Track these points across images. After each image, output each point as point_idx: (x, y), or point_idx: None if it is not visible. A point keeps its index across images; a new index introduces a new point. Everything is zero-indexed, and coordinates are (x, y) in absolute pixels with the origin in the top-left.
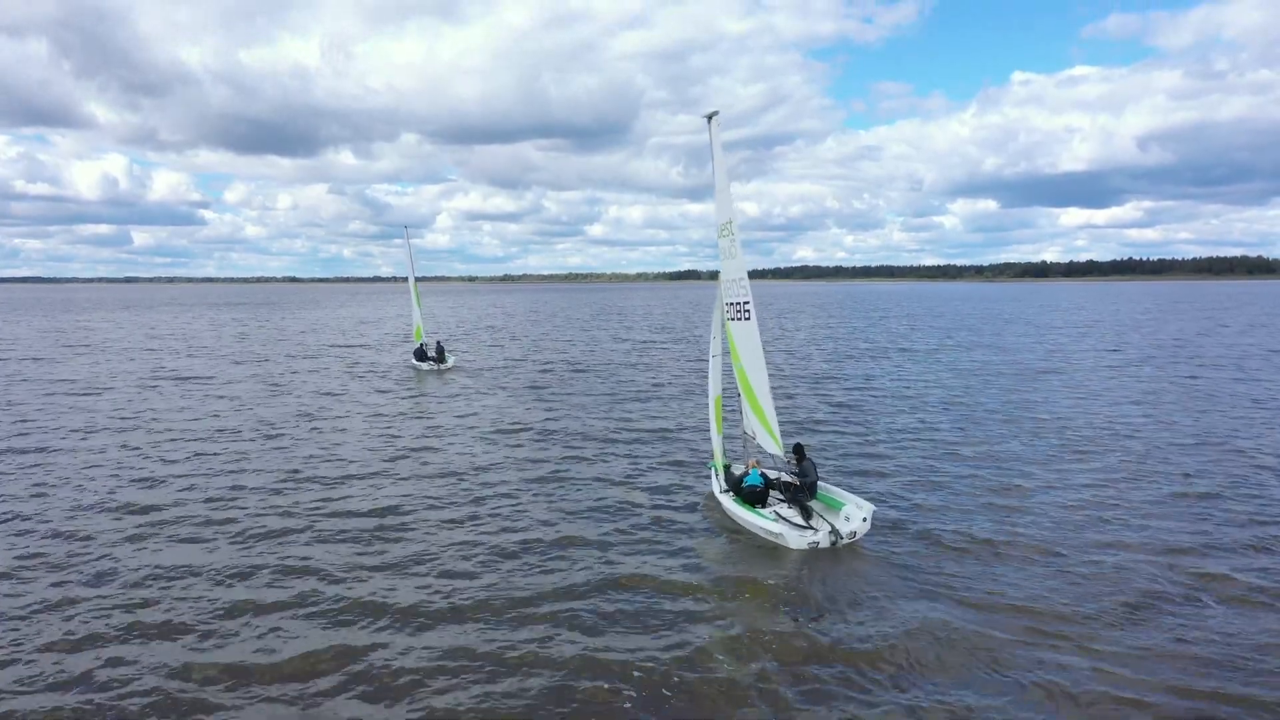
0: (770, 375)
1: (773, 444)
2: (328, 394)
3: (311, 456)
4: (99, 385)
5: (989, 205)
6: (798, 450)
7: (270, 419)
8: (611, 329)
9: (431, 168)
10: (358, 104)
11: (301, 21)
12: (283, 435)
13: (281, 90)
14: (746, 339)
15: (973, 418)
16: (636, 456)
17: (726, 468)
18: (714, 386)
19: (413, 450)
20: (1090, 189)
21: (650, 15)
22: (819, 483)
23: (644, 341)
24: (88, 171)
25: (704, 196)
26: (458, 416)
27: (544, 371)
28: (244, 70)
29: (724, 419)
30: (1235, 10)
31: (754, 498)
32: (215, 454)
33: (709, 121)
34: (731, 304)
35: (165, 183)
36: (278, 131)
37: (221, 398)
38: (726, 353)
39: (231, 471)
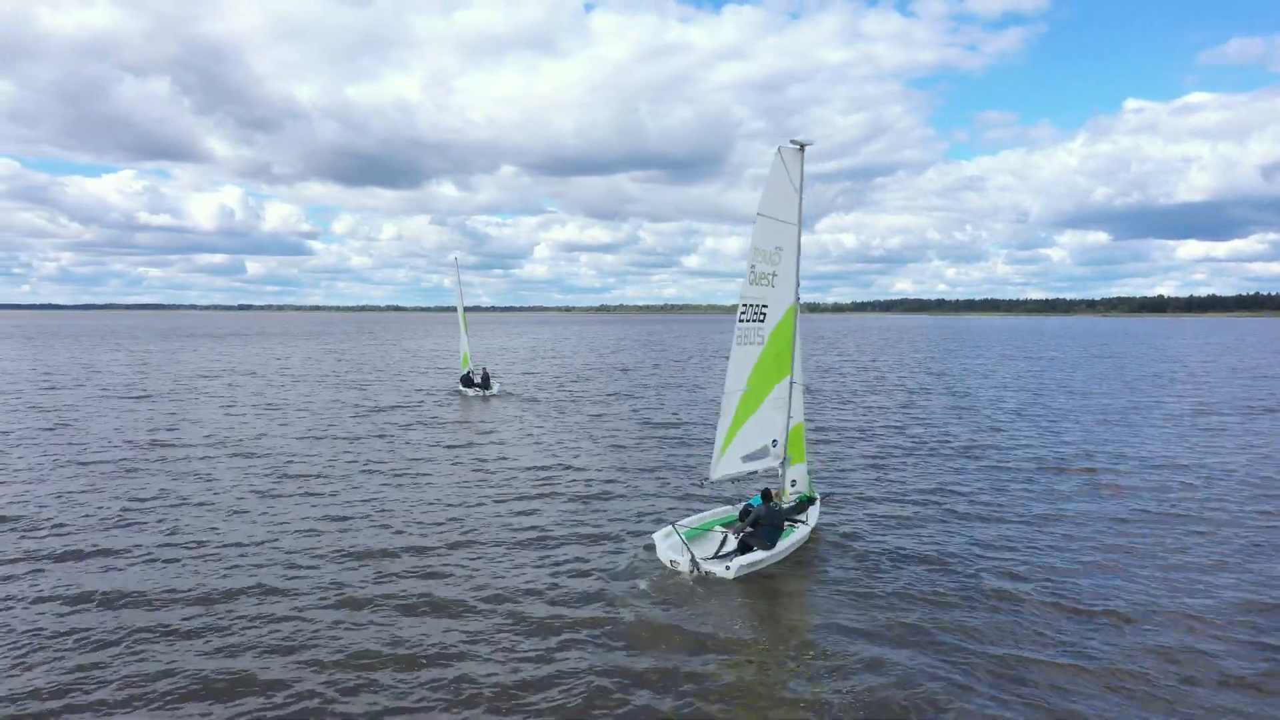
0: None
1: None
2: (372, 413)
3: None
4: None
5: (1099, 237)
6: (764, 495)
7: (309, 429)
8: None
9: (529, 199)
10: (458, 137)
11: (404, 58)
12: (307, 445)
13: (386, 124)
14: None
15: None
16: (616, 493)
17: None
18: (797, 411)
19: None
20: (1210, 220)
21: (748, 46)
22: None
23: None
24: (205, 203)
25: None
26: (490, 443)
27: (590, 402)
28: (351, 106)
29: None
30: None
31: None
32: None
33: (800, 151)
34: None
35: (277, 214)
36: (382, 164)
37: (265, 414)
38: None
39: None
